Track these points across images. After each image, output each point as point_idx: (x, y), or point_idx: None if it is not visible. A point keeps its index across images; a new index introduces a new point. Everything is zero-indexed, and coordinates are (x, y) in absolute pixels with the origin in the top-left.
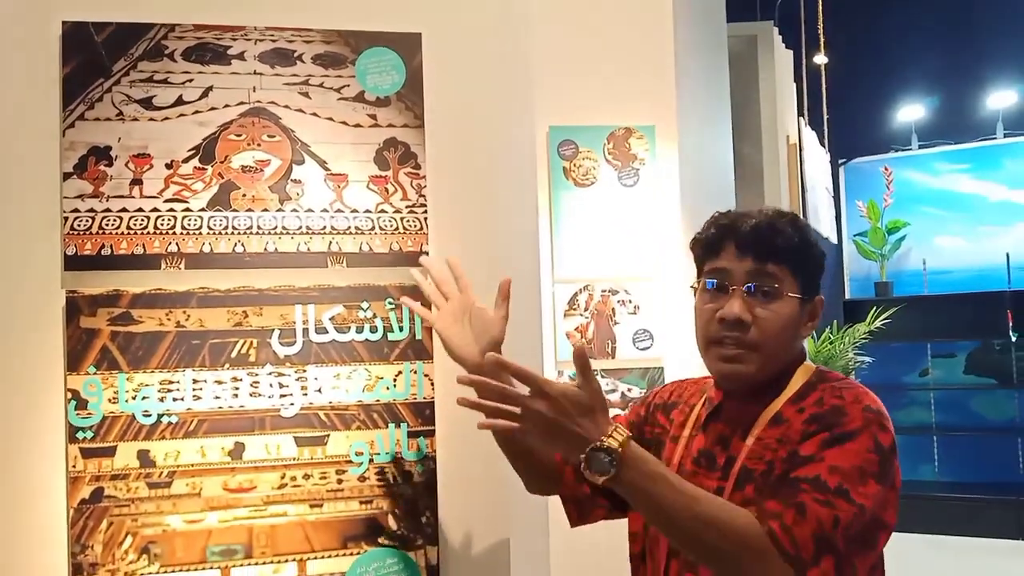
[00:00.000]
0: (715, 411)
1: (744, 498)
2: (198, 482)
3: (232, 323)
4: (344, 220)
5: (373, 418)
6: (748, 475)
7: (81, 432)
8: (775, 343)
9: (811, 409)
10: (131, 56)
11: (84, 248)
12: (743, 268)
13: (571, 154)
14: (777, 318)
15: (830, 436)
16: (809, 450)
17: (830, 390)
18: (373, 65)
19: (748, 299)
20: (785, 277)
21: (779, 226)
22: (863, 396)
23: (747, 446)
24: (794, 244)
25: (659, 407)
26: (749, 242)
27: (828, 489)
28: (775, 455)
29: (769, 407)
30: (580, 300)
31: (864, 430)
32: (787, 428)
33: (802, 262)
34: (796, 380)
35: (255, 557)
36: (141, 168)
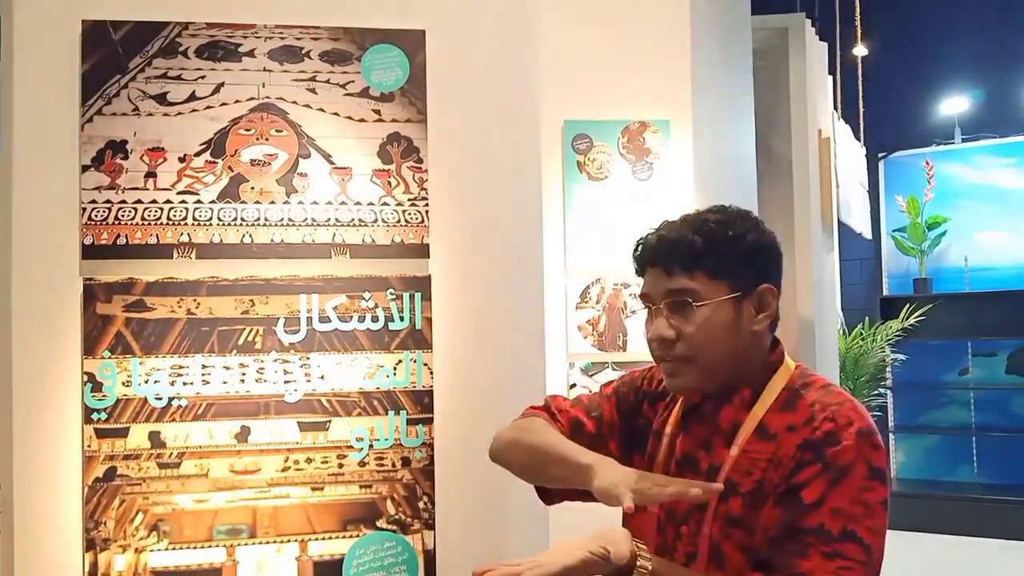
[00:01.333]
0: (694, 410)
1: (728, 511)
2: (206, 463)
3: (240, 311)
4: (348, 212)
5: (373, 405)
6: (733, 488)
7: (96, 413)
8: (708, 351)
9: (803, 431)
10: (147, 53)
11: (101, 238)
12: (658, 286)
13: (585, 148)
14: (703, 327)
15: (826, 471)
16: (811, 496)
17: (820, 408)
18: (378, 61)
19: (672, 315)
20: (701, 283)
21: (678, 235)
22: (853, 416)
23: (731, 456)
24: (697, 248)
25: (648, 395)
26: (656, 259)
27: (833, 537)
28: (765, 475)
29: (751, 413)
30: (592, 293)
31: (858, 457)
32: (777, 447)
33: (719, 263)
34: (776, 383)
35: (259, 537)
36: (155, 161)
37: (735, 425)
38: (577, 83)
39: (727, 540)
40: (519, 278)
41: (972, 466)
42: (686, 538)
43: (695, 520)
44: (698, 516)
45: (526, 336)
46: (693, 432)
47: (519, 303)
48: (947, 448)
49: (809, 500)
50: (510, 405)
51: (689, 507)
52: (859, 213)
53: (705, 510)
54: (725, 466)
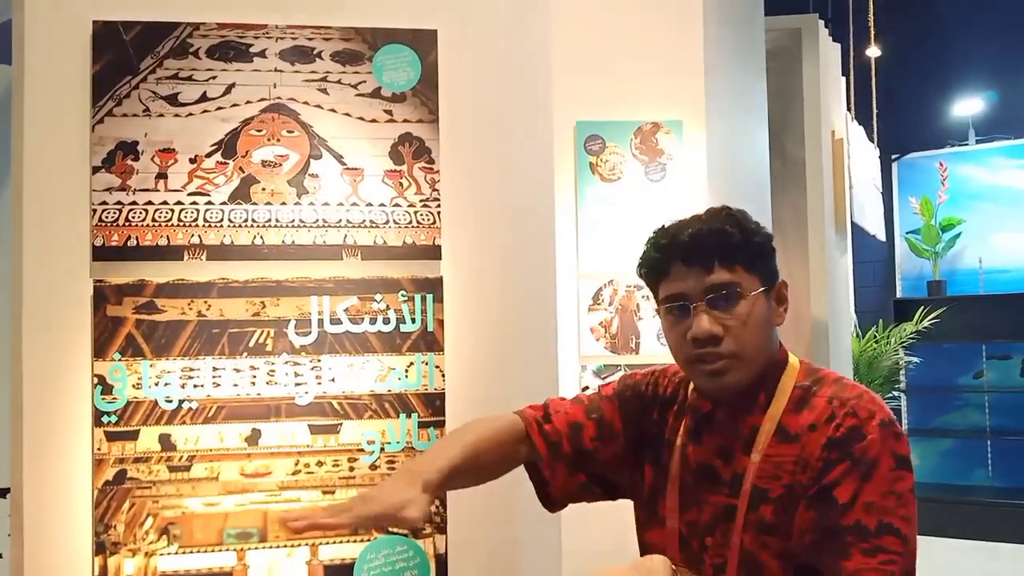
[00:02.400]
0: (706, 420)
1: (760, 519)
2: (216, 467)
3: (250, 313)
4: (359, 214)
5: (385, 408)
6: (762, 495)
7: (106, 416)
8: (754, 344)
9: (826, 430)
10: (158, 54)
11: (111, 239)
12: (696, 283)
13: (598, 149)
14: (747, 320)
15: (856, 468)
16: (844, 495)
17: (839, 403)
18: (389, 62)
19: (712, 311)
20: (740, 276)
21: (716, 228)
22: (873, 407)
23: (754, 463)
24: (736, 240)
25: (656, 402)
26: (693, 254)
27: (871, 533)
28: (794, 478)
29: (768, 415)
30: (605, 295)
31: (884, 449)
32: (801, 449)
33: (751, 255)
34: (787, 382)
35: (269, 541)
36: (166, 162)
37: (753, 429)
38: (589, 84)
39: (764, 549)
40: (531, 280)
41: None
42: (712, 549)
43: (721, 531)
44: (724, 526)
45: (538, 338)
46: (707, 442)
47: (531, 305)
48: (961, 451)
49: (843, 499)
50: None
51: (712, 517)
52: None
53: (732, 520)
54: (749, 473)
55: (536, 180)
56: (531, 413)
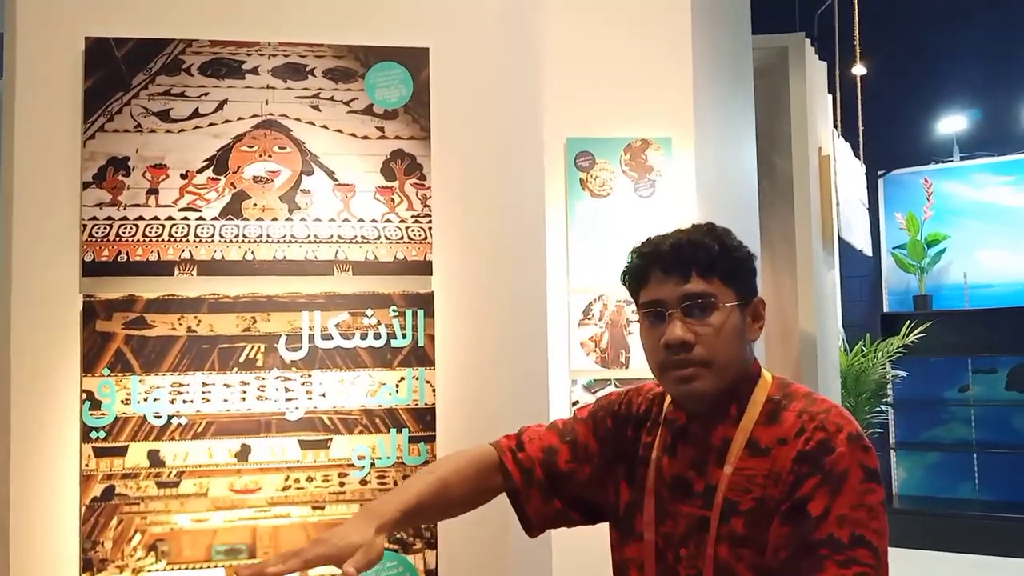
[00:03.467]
0: (681, 432)
1: (731, 531)
2: (205, 482)
3: (241, 328)
4: (351, 229)
5: (375, 423)
6: (733, 507)
7: (94, 432)
8: (725, 354)
9: (796, 444)
10: (150, 70)
11: (101, 254)
12: (673, 291)
13: (588, 165)
14: (719, 330)
15: (826, 481)
16: (816, 508)
17: (808, 418)
18: (382, 79)
19: (686, 319)
20: (717, 288)
21: (696, 240)
22: (841, 421)
23: (726, 475)
24: (715, 253)
25: (629, 420)
26: (672, 263)
27: (844, 545)
28: (764, 492)
29: (740, 428)
30: (595, 310)
31: (852, 462)
32: (772, 462)
33: (729, 269)
34: (759, 395)
35: (258, 557)
36: (157, 178)
37: (726, 441)
38: (580, 100)
39: (738, 561)
40: (522, 295)
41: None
42: (686, 561)
43: (695, 542)
44: (697, 538)
45: (529, 353)
46: (681, 454)
47: (522, 320)
48: (948, 465)
49: (815, 513)
50: (513, 423)
51: (687, 529)
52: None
53: (706, 531)
54: (721, 485)
55: (526, 196)
56: (505, 442)
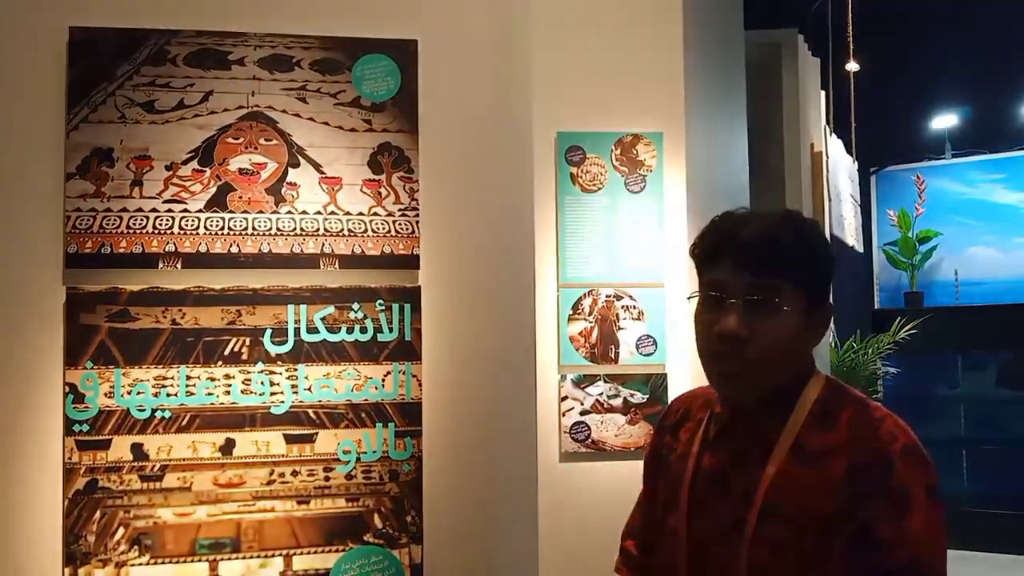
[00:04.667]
0: (725, 428)
1: (770, 534)
2: (189, 476)
3: (226, 322)
4: (337, 223)
5: (361, 417)
6: (773, 510)
7: (77, 425)
8: (775, 359)
9: (849, 455)
10: (134, 61)
11: (85, 246)
12: (741, 281)
13: (579, 160)
14: (776, 334)
15: (889, 502)
16: (885, 532)
17: (862, 426)
18: (369, 71)
19: (746, 313)
20: (786, 290)
21: (780, 235)
22: (897, 432)
23: (769, 476)
24: (796, 255)
25: (668, 428)
26: (748, 254)
27: (916, 571)
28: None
29: (787, 428)
30: (585, 305)
31: (912, 479)
32: (822, 472)
33: (806, 273)
34: (808, 396)
35: (243, 551)
36: (142, 169)
37: (770, 441)
38: (571, 95)
39: (777, 567)
40: (510, 289)
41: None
42: (719, 561)
43: (729, 543)
44: (732, 537)
45: (517, 348)
46: (723, 450)
47: (510, 315)
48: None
49: (883, 536)
50: (500, 418)
51: (721, 529)
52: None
53: (742, 532)
54: (762, 488)
55: (515, 190)
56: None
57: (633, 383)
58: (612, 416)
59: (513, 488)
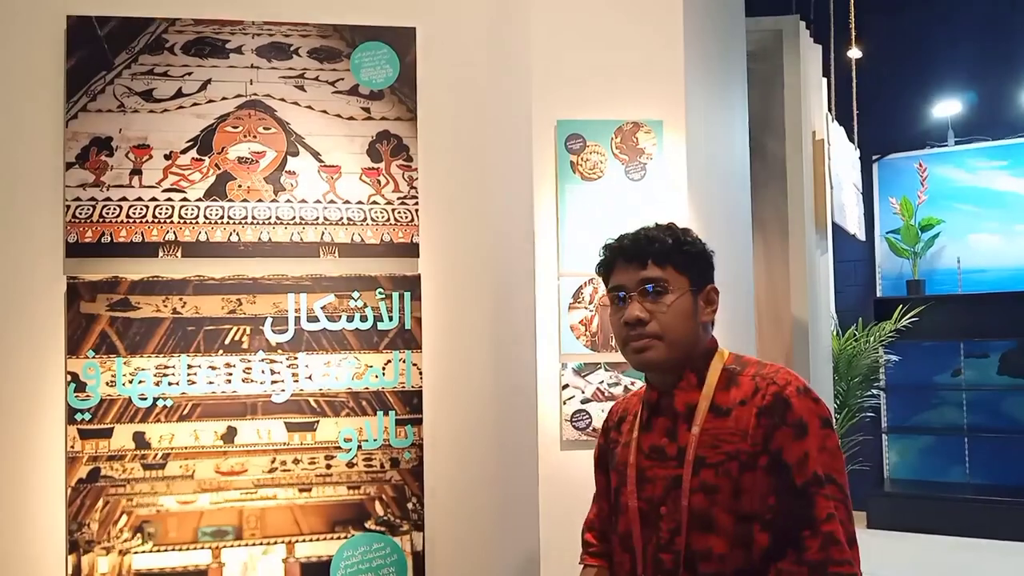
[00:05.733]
0: (654, 408)
1: (703, 483)
2: (191, 464)
3: (226, 310)
4: (336, 211)
5: (362, 405)
6: (702, 461)
7: (79, 414)
8: (675, 330)
9: (755, 401)
10: (133, 49)
11: (85, 236)
12: (633, 277)
13: (579, 148)
14: (670, 310)
15: (792, 432)
16: (791, 456)
17: (761, 379)
18: (367, 59)
19: (642, 301)
20: (670, 275)
21: (653, 234)
22: (789, 378)
23: (694, 435)
24: (669, 246)
25: (611, 428)
26: (632, 253)
27: (822, 480)
28: (735, 447)
29: (702, 395)
30: (585, 293)
31: (807, 412)
32: (736, 421)
33: (683, 260)
34: (716, 366)
35: (245, 539)
36: (141, 158)
37: (689, 407)
38: (570, 83)
39: (714, 506)
40: (510, 278)
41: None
42: (666, 517)
43: (672, 499)
44: (674, 494)
45: (517, 336)
46: (655, 427)
47: (510, 303)
48: (939, 449)
49: (791, 460)
50: (500, 405)
51: (664, 489)
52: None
53: (680, 487)
54: (690, 445)
55: (515, 178)
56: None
57: (633, 371)
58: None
59: (514, 475)
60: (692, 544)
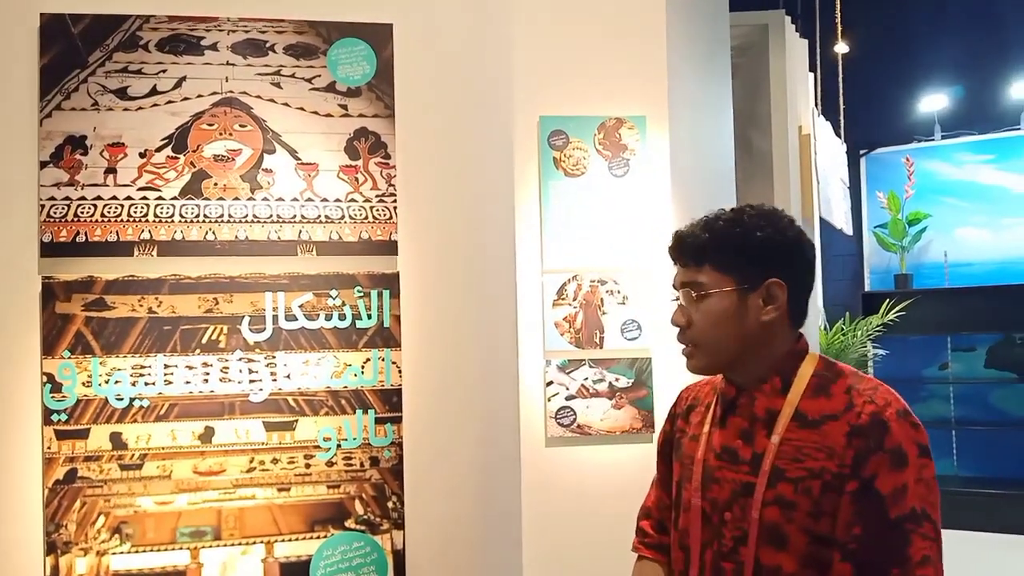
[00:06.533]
0: (730, 406)
1: (779, 496)
2: (169, 465)
3: (203, 309)
4: (314, 209)
5: (341, 404)
6: (781, 474)
7: (56, 415)
8: (713, 337)
9: (847, 418)
10: (107, 47)
11: (60, 235)
12: (678, 278)
13: (561, 144)
14: (708, 315)
15: (888, 459)
16: (885, 486)
17: (856, 395)
18: (344, 56)
19: (684, 304)
20: (708, 276)
21: (686, 231)
22: (890, 398)
23: (774, 444)
24: (702, 243)
25: (679, 415)
26: (675, 252)
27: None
28: (819, 464)
29: (787, 400)
30: (569, 290)
31: (906, 439)
32: (823, 437)
33: (723, 257)
34: (804, 371)
35: (224, 539)
36: (116, 157)
37: (771, 412)
38: (553, 79)
39: (789, 523)
40: (491, 275)
41: (952, 459)
42: (731, 523)
43: (739, 505)
44: (742, 502)
45: (498, 333)
46: (730, 426)
47: (491, 300)
48: None
49: (885, 490)
50: (481, 403)
51: (732, 494)
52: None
53: (751, 495)
54: (768, 454)
55: (495, 175)
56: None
57: (618, 367)
58: (597, 401)
59: (496, 473)
60: (760, 558)
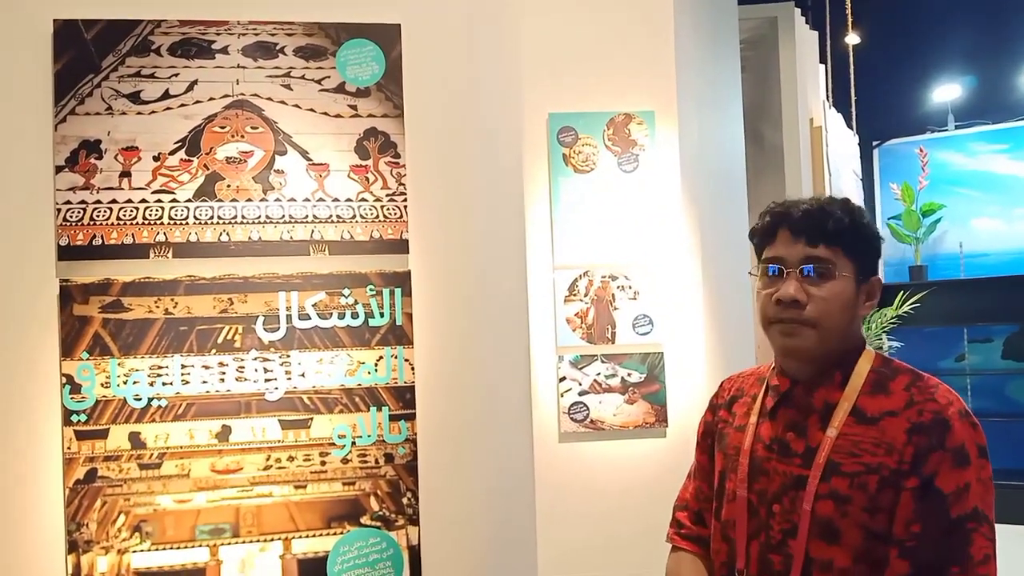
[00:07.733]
0: (783, 398)
1: (833, 490)
2: (187, 463)
3: (218, 310)
4: (326, 209)
5: (355, 402)
6: (836, 468)
7: (75, 415)
8: (831, 320)
9: (908, 415)
10: (119, 52)
11: (76, 239)
12: (797, 252)
13: (571, 140)
14: (831, 296)
15: (950, 458)
16: (946, 485)
17: (917, 392)
18: (353, 56)
19: (802, 280)
20: (838, 258)
21: (829, 209)
22: (951, 397)
23: (830, 438)
24: (844, 226)
25: (721, 405)
26: (801, 227)
27: (982, 517)
28: (877, 459)
29: (845, 395)
30: (580, 286)
31: (967, 438)
32: (882, 433)
33: (854, 243)
34: (861, 367)
35: (242, 536)
36: (130, 160)
37: (828, 405)
38: (561, 75)
39: (844, 517)
40: (502, 272)
41: None
42: (779, 516)
43: (789, 498)
44: (792, 494)
45: (510, 330)
46: (781, 418)
47: (502, 297)
48: None
49: (947, 489)
50: (494, 399)
51: (781, 486)
52: None
53: (802, 488)
54: (823, 448)
55: (505, 172)
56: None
57: (630, 362)
58: (610, 395)
59: (510, 468)
60: (811, 552)
